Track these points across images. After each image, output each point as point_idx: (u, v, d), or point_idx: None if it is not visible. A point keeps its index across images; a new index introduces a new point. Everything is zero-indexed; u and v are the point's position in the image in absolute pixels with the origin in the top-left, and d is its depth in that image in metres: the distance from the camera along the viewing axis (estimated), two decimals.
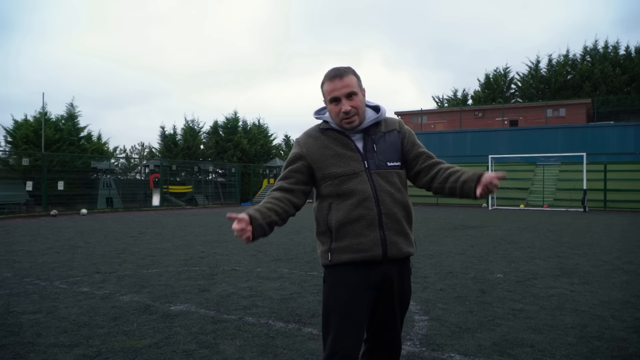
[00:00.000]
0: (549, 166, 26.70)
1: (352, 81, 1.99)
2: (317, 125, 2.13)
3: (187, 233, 10.75)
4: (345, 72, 2.01)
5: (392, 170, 2.02)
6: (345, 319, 1.90)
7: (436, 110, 40.84)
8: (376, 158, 2.00)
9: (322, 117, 2.11)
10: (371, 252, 1.93)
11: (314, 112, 2.16)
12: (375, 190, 1.96)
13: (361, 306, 1.93)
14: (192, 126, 33.25)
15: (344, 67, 2.04)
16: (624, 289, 5.14)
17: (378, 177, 1.98)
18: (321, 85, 2.07)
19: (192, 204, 25.00)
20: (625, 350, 3.27)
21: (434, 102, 50.27)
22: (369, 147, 2.02)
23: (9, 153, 23.62)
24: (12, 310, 4.25)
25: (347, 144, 2.02)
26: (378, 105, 2.11)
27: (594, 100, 34.21)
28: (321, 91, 2.08)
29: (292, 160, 2.07)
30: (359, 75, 2.06)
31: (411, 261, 2.10)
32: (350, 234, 1.94)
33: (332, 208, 1.99)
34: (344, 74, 1.99)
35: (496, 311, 4.25)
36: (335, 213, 1.97)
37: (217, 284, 5.32)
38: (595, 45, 41.25)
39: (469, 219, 15.29)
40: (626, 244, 9.02)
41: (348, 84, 1.98)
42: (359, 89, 2.02)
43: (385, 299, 1.99)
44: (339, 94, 1.97)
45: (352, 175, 1.97)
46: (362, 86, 2.07)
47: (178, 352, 3.21)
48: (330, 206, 2.00)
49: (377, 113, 2.08)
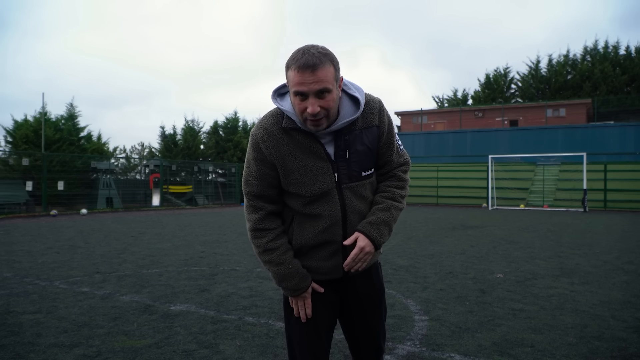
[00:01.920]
0: (549, 166, 26.70)
1: (328, 75, 1.54)
2: (277, 118, 1.69)
3: (187, 233, 10.75)
4: (320, 62, 1.52)
5: (366, 181, 1.75)
6: (308, 325, 1.77)
7: (436, 110, 40.84)
8: (349, 167, 1.69)
9: (283, 104, 1.67)
10: (330, 275, 1.77)
11: (273, 93, 1.71)
12: (345, 211, 1.71)
13: (323, 314, 1.80)
14: (192, 126, 33.26)
15: (320, 52, 1.55)
16: (624, 289, 5.14)
17: (349, 193, 1.71)
18: (286, 68, 1.59)
19: (192, 204, 25.00)
20: (625, 350, 3.27)
21: (434, 102, 50.33)
22: (341, 154, 1.68)
23: (9, 153, 23.62)
24: (12, 310, 4.25)
25: (316, 150, 1.67)
26: (357, 97, 1.68)
27: (594, 100, 34.20)
28: (285, 74, 1.61)
29: (258, 169, 1.70)
30: (337, 63, 1.60)
31: (379, 260, 1.94)
32: (309, 257, 1.76)
33: (295, 224, 1.75)
34: (318, 66, 1.52)
35: (496, 311, 4.25)
36: (297, 232, 1.74)
37: (217, 284, 5.32)
38: (596, 45, 41.26)
39: (469, 219, 15.29)
40: (626, 244, 9.02)
41: (321, 78, 1.53)
42: (334, 84, 1.58)
43: (350, 305, 1.84)
44: (307, 89, 1.54)
45: (319, 195, 1.68)
46: (340, 76, 1.63)
47: (178, 352, 3.21)
48: (293, 220, 1.76)
49: (357, 107, 1.67)
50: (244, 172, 1.76)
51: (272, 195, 1.74)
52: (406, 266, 6.51)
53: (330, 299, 1.81)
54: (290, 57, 1.58)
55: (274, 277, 1.76)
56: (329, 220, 1.70)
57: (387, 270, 6.17)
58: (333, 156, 1.69)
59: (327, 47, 1.61)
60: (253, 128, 1.73)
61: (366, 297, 1.84)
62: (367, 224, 1.71)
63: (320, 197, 1.69)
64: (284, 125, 1.66)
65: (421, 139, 32.26)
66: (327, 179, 1.68)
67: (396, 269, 6.31)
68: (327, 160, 1.68)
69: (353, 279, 1.82)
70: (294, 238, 1.75)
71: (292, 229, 1.76)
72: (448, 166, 29.34)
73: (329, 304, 1.81)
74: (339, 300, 1.84)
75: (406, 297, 4.75)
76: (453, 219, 15.25)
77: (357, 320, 1.85)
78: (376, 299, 1.87)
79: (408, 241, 9.36)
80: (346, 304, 1.85)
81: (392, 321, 3.93)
